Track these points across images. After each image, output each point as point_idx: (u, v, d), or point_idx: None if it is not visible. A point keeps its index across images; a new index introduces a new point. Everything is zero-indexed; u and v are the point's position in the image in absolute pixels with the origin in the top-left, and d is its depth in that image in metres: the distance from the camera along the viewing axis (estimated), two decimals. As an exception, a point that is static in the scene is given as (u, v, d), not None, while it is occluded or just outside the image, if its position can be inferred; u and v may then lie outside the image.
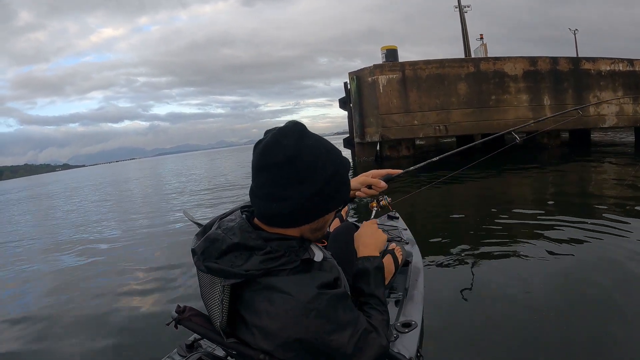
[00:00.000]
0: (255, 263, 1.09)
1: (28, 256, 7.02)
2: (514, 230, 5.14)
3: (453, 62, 15.86)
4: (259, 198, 1.15)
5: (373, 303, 1.37)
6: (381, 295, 1.40)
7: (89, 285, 4.70)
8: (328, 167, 1.14)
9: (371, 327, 1.22)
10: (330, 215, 1.23)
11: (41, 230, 9.99)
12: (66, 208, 14.96)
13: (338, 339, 1.11)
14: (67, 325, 3.60)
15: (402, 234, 3.24)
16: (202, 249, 1.14)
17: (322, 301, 1.10)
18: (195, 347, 1.67)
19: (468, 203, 7.86)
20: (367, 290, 1.40)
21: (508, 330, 2.73)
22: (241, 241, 1.11)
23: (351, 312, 1.16)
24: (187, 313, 1.30)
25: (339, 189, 1.18)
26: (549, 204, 6.27)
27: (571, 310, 2.90)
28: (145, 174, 36.01)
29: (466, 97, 15.21)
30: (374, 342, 1.19)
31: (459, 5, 26.82)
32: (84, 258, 6.14)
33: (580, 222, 5.01)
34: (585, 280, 3.39)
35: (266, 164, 1.11)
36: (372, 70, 15.52)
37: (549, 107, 15.41)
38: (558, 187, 8.86)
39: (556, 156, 13.92)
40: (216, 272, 1.12)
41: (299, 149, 1.10)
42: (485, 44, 23.55)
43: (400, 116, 15.10)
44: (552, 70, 15.60)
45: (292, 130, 1.12)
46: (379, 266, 1.47)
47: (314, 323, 1.08)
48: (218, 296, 1.15)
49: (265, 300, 1.10)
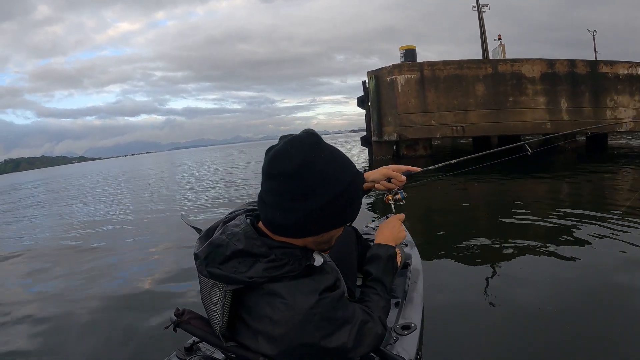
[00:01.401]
0: (259, 270, 1.10)
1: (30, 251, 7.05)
2: (518, 233, 5.06)
3: (471, 63, 16.00)
4: (266, 205, 1.15)
5: (377, 288, 1.40)
6: (387, 282, 1.43)
7: (86, 286, 4.64)
8: (337, 184, 1.12)
9: (367, 317, 1.24)
10: (337, 230, 1.21)
11: (42, 227, 9.80)
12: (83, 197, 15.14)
13: (339, 338, 1.13)
14: (63, 327, 3.58)
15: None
16: (206, 254, 1.14)
17: (324, 305, 1.11)
18: (194, 350, 1.68)
19: (474, 205, 7.79)
20: (375, 274, 1.44)
21: (508, 334, 2.72)
22: (245, 248, 1.11)
23: (347, 309, 1.18)
24: (186, 316, 1.31)
25: (346, 206, 1.16)
26: (557, 209, 6.20)
27: (571, 314, 2.87)
28: (163, 168, 35.87)
29: (483, 98, 15.31)
30: (371, 331, 1.23)
31: (477, 5, 26.81)
32: (82, 256, 6.10)
33: (588, 227, 4.90)
34: (587, 286, 3.34)
35: (274, 173, 1.11)
36: (390, 69, 15.75)
37: (566, 109, 15.44)
38: (569, 192, 8.74)
39: (572, 160, 13.80)
40: (219, 278, 1.12)
41: (308, 163, 1.09)
42: (503, 45, 23.51)
43: (418, 116, 15.31)
44: (569, 72, 15.59)
45: (303, 142, 1.11)
46: (391, 255, 1.49)
47: (316, 327, 1.10)
48: (219, 301, 1.16)
49: (268, 306, 1.11)
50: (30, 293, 4.74)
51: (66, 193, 19.62)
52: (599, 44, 31.02)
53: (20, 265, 6.28)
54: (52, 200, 16.78)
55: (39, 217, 11.46)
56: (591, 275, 3.58)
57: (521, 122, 15.23)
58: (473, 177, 9.66)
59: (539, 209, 6.44)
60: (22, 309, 4.14)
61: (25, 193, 23.51)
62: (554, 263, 3.93)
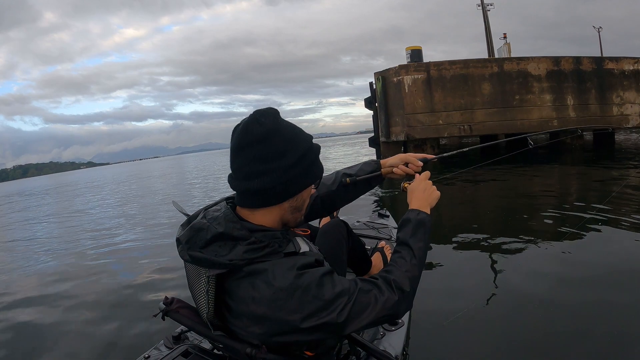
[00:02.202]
0: (239, 253, 1.11)
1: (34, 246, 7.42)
2: (513, 231, 5.05)
3: (477, 62, 16.08)
4: (240, 180, 1.19)
5: (403, 252, 1.37)
6: (415, 247, 1.37)
7: (76, 274, 4.75)
8: (304, 140, 1.22)
9: (369, 286, 1.22)
10: (307, 192, 1.27)
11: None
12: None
13: (329, 314, 1.12)
14: (52, 314, 3.64)
15: (392, 232, 3.28)
16: (187, 238, 1.15)
17: (304, 280, 1.11)
18: (182, 339, 1.69)
19: (473, 203, 7.85)
20: (402, 238, 1.41)
21: (495, 330, 2.71)
22: (226, 231, 1.13)
23: (340, 284, 1.17)
24: (174, 305, 1.32)
25: (313, 163, 1.24)
26: (558, 207, 6.18)
27: (564, 310, 2.87)
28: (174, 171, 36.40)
29: (490, 97, 15.38)
30: (372, 301, 1.19)
31: (482, 4, 26.83)
32: (75, 247, 6.36)
33: (590, 228, 4.78)
34: (581, 284, 3.29)
35: (248, 141, 1.16)
36: (397, 70, 15.87)
37: (572, 107, 15.49)
38: (573, 189, 8.64)
39: (578, 158, 13.82)
40: (200, 261, 1.13)
41: (277, 125, 1.17)
42: (508, 43, 23.49)
43: (425, 116, 15.41)
44: (575, 70, 15.64)
45: (268, 111, 1.19)
46: (423, 220, 1.46)
47: (299, 302, 1.10)
48: (204, 287, 1.16)
49: (249, 286, 1.12)
50: (21, 275, 4.92)
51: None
52: (605, 40, 31.03)
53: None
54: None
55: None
56: (595, 277, 3.47)
57: (528, 120, 15.28)
58: (483, 174, 9.78)
59: (536, 207, 6.52)
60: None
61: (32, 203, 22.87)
62: (548, 259, 3.92)
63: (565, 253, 4.07)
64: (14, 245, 7.93)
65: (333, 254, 1.85)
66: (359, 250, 2.27)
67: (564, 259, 3.90)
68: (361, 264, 2.33)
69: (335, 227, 2.01)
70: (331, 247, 1.89)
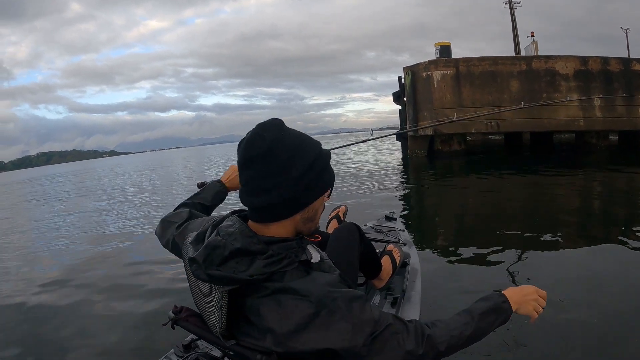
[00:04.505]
0: (258, 267, 1.08)
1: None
2: (521, 235, 5.04)
3: (506, 59, 16.37)
4: (248, 195, 1.16)
5: (462, 318, 1.26)
6: (477, 324, 1.24)
7: (84, 281, 4.62)
8: (310, 150, 1.16)
9: (401, 327, 1.14)
10: (319, 202, 1.22)
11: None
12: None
13: (352, 338, 1.06)
14: (61, 322, 3.54)
15: (400, 235, 3.24)
16: (204, 257, 1.11)
17: (332, 299, 1.08)
18: (192, 348, 1.67)
19: (488, 204, 7.77)
20: (472, 308, 1.30)
21: (504, 333, 2.63)
22: (243, 246, 1.10)
23: (369, 312, 1.11)
24: (184, 313, 1.29)
25: (322, 172, 1.18)
26: (567, 213, 6.10)
27: (571, 319, 2.81)
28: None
29: (518, 94, 15.52)
30: (396, 343, 1.11)
31: (510, 1, 26.78)
32: (83, 251, 6.07)
33: (605, 237, 4.69)
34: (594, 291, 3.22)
35: (250, 157, 1.12)
36: (427, 65, 16.26)
37: (599, 107, 15.58)
38: (587, 195, 8.16)
39: (603, 159, 13.58)
40: (220, 279, 1.09)
41: (279, 138, 1.12)
42: (536, 42, 23.44)
43: (453, 111, 15.43)
44: (602, 70, 15.75)
45: (270, 124, 1.15)
46: (504, 310, 1.30)
47: (326, 322, 1.06)
48: (216, 302, 1.14)
49: (275, 303, 1.08)
50: (28, 283, 4.71)
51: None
52: (633, 41, 30.71)
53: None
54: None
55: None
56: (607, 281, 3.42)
57: (554, 119, 15.46)
58: (502, 175, 9.84)
59: (556, 212, 6.42)
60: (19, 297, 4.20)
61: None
62: (562, 268, 3.85)
63: (585, 260, 4.00)
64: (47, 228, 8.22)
65: (345, 258, 1.85)
66: (370, 253, 2.24)
67: (583, 265, 3.86)
68: (372, 268, 2.31)
69: (348, 231, 2.00)
70: (344, 251, 1.89)
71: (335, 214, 3.12)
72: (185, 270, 1.25)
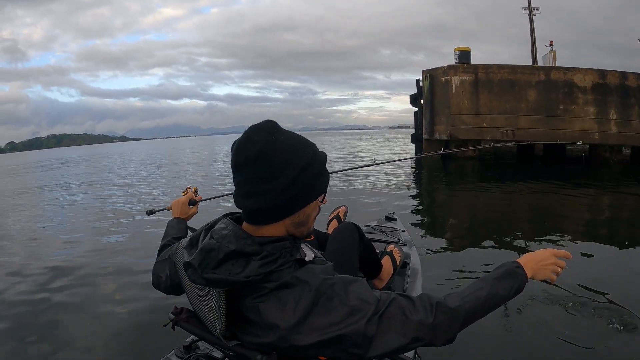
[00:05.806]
0: (254, 268, 1.07)
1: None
2: (525, 241, 5.07)
3: (525, 68, 16.43)
4: (240, 197, 1.14)
5: (476, 284, 1.24)
6: (492, 290, 1.21)
7: (84, 281, 4.52)
8: (303, 155, 1.13)
9: (407, 302, 1.13)
10: (311, 207, 1.20)
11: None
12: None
13: (356, 321, 1.05)
14: (60, 322, 3.50)
15: (400, 236, 3.25)
16: (199, 260, 1.10)
17: (329, 285, 1.08)
18: (193, 349, 1.67)
19: (493, 209, 7.84)
20: (487, 276, 1.27)
21: (505, 335, 2.70)
22: (237, 248, 1.09)
23: (369, 292, 1.10)
24: (184, 314, 1.29)
25: (314, 179, 1.16)
26: (574, 223, 6.10)
27: (571, 325, 2.85)
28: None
29: (535, 104, 15.62)
30: (405, 316, 1.10)
31: (529, 8, 26.67)
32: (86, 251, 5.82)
33: (614, 252, 4.68)
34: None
35: (240, 161, 1.12)
36: (446, 70, 16.40)
37: (615, 121, 15.55)
38: (596, 208, 8.12)
39: (616, 173, 13.47)
40: (216, 282, 1.09)
41: (270, 143, 1.10)
42: (554, 51, 23.21)
43: (470, 117, 15.88)
44: (620, 85, 15.68)
45: (262, 127, 1.13)
46: (519, 276, 1.27)
47: (326, 308, 1.06)
48: (214, 303, 1.14)
49: (274, 300, 1.08)
50: (28, 280, 4.58)
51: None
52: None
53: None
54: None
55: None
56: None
57: (570, 131, 15.44)
58: (492, 182, 10.01)
59: (551, 219, 6.52)
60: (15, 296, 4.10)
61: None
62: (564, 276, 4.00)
63: (590, 270, 3.99)
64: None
65: (345, 258, 1.86)
66: (370, 253, 2.24)
67: (587, 274, 3.82)
68: (372, 268, 2.31)
69: (347, 230, 2.00)
70: (343, 251, 1.90)
71: (336, 214, 3.18)
72: (180, 275, 1.28)
